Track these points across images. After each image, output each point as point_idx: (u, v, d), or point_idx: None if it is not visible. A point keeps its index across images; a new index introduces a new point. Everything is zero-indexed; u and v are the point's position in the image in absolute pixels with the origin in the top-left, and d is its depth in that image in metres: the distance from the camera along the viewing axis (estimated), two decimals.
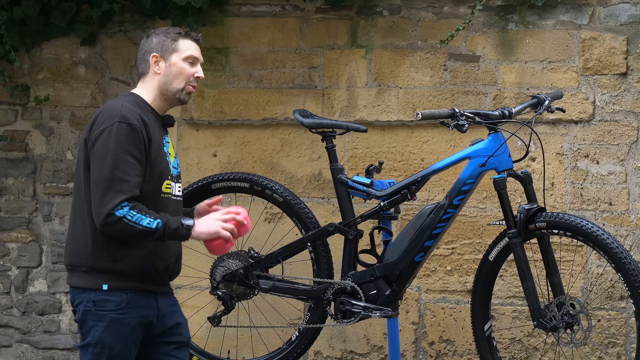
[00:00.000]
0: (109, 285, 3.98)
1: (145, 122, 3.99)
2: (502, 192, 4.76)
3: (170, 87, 4.12)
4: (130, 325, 3.99)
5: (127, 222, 3.87)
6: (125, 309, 3.98)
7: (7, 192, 6.27)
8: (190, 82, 4.13)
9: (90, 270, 4.00)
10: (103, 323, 3.98)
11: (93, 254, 3.98)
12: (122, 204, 3.86)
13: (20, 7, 5.94)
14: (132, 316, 3.99)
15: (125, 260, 3.98)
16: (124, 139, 3.93)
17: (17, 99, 6.24)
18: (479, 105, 5.72)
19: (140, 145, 3.95)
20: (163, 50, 4.14)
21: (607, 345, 5.60)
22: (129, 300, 3.99)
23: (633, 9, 5.61)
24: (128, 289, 3.99)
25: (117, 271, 3.98)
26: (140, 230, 3.87)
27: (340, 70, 5.90)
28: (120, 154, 3.91)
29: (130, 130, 3.94)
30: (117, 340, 3.98)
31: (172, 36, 4.15)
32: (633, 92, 5.60)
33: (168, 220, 3.90)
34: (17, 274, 6.26)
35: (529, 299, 4.73)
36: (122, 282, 3.99)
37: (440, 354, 5.80)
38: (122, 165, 3.91)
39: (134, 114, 3.98)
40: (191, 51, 4.14)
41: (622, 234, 5.59)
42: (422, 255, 4.87)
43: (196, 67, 4.15)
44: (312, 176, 5.94)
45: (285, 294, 5.12)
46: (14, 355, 6.24)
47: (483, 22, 5.76)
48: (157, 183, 4.01)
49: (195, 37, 4.18)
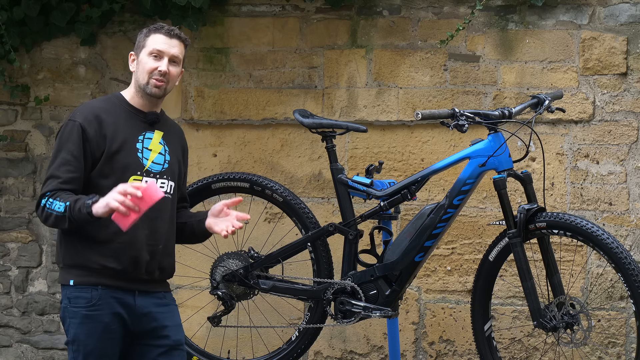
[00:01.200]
0: (75, 281, 4.03)
1: (100, 119, 4.05)
2: (502, 192, 4.75)
3: (140, 82, 4.15)
4: (102, 322, 4.00)
5: (46, 210, 3.97)
6: (96, 305, 4.00)
7: (7, 192, 6.27)
8: (154, 75, 4.11)
9: (63, 266, 4.08)
10: (76, 320, 4.02)
11: (61, 250, 4.08)
12: (46, 194, 3.98)
13: (20, 7, 5.94)
14: (104, 312, 4.00)
15: (89, 255, 4.01)
16: (66, 137, 4.05)
17: (17, 99, 6.24)
18: (479, 105, 5.72)
19: (79, 142, 4.02)
20: (137, 47, 4.19)
21: (607, 345, 5.60)
22: (99, 297, 4.01)
23: (633, 9, 5.61)
24: (98, 285, 4.02)
25: (83, 266, 4.03)
26: (55, 216, 3.95)
27: (340, 70, 5.90)
28: (60, 151, 4.04)
29: (73, 127, 4.04)
30: (90, 337, 4.00)
31: (145, 33, 4.18)
32: (633, 92, 5.60)
33: (76, 201, 3.92)
34: (17, 274, 6.25)
35: (529, 299, 4.73)
36: (90, 277, 4.02)
37: (440, 354, 5.80)
38: (57, 162, 4.03)
39: (85, 111, 4.08)
40: (156, 45, 4.13)
41: (622, 234, 5.59)
42: (422, 255, 4.87)
43: (160, 61, 4.12)
44: (312, 176, 5.94)
45: (285, 294, 5.12)
46: (14, 355, 6.24)
47: (483, 22, 5.76)
48: (120, 178, 4.02)
49: (168, 31, 4.15)
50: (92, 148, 4.03)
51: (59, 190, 3.98)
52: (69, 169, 4.01)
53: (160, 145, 4.17)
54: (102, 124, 4.05)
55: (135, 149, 4.09)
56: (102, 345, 4.01)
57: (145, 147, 4.11)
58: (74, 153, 4.02)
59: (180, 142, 4.31)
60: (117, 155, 4.05)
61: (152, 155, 4.13)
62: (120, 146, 4.05)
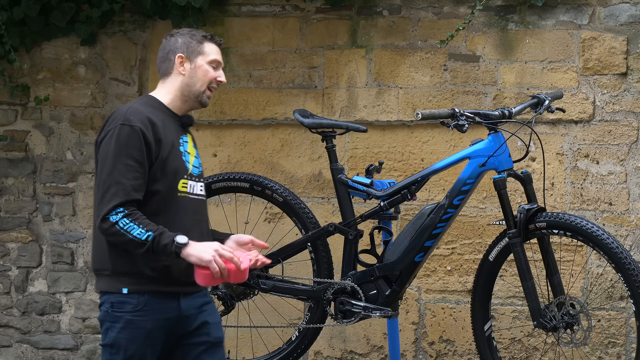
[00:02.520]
0: (129, 289, 3.95)
1: (153, 123, 3.98)
2: (502, 192, 4.75)
3: (193, 88, 4.11)
4: (145, 328, 3.95)
5: (119, 229, 3.84)
6: (141, 311, 3.95)
7: (7, 192, 6.27)
8: (212, 85, 4.13)
9: (112, 273, 3.98)
10: (119, 324, 3.95)
11: (111, 258, 3.97)
12: (116, 209, 3.85)
13: (20, 7, 5.94)
14: (148, 319, 3.95)
15: (144, 262, 3.94)
16: (125, 142, 3.92)
17: (17, 99, 6.24)
18: (479, 105, 5.72)
19: (142, 146, 3.93)
20: (189, 51, 4.13)
21: (607, 345, 5.60)
22: (145, 303, 3.95)
23: (633, 9, 5.61)
24: (147, 292, 3.96)
25: (136, 273, 3.95)
26: (129, 239, 3.83)
27: (340, 70, 5.90)
28: (119, 157, 3.91)
29: (132, 132, 3.93)
30: (132, 342, 3.95)
31: (197, 38, 4.15)
32: (633, 92, 5.60)
33: (161, 234, 3.84)
34: (17, 274, 6.25)
35: (529, 299, 4.72)
36: (142, 285, 3.96)
37: (440, 354, 5.80)
38: (120, 168, 3.90)
39: (139, 115, 3.97)
40: (215, 55, 4.15)
41: (622, 234, 5.59)
42: (422, 255, 4.87)
43: (219, 71, 4.15)
44: (312, 176, 5.94)
45: (285, 294, 5.12)
46: (14, 355, 6.24)
47: (483, 22, 5.76)
48: (172, 182, 3.99)
49: (219, 42, 4.19)
50: (150, 153, 3.96)
51: (129, 203, 3.88)
52: (135, 176, 3.90)
53: (194, 148, 4.17)
54: (155, 128, 3.99)
55: (179, 152, 4.06)
56: (142, 351, 3.97)
57: (185, 150, 4.10)
58: (137, 159, 3.92)
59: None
60: (168, 159, 4.00)
61: (191, 159, 4.12)
62: (170, 150, 4.02)
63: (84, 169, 6.19)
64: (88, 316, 6.17)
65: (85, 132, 6.19)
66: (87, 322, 6.17)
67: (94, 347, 6.15)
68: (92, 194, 6.18)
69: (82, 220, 6.19)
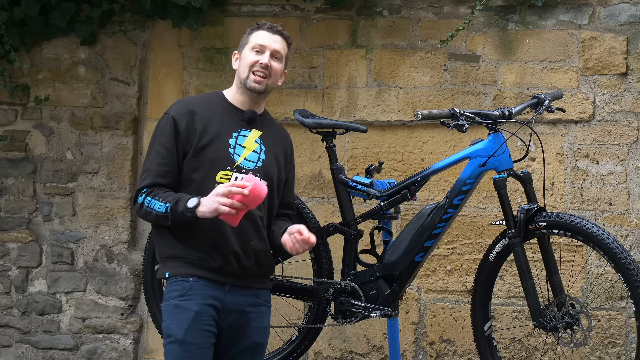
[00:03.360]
0: (170, 272, 4.07)
1: (193, 113, 4.11)
2: (502, 192, 4.75)
3: (240, 78, 4.20)
4: (192, 310, 4.00)
5: (146, 208, 4.05)
6: (187, 295, 4.03)
7: (7, 192, 6.27)
8: (254, 69, 4.16)
9: (160, 260, 4.14)
10: (167, 312, 4.06)
11: (158, 244, 4.15)
12: (142, 191, 4.06)
13: (20, 7, 5.94)
14: (194, 302, 4.02)
15: (184, 247, 4.06)
16: (160, 130, 4.13)
17: (17, 99, 6.24)
18: (479, 105, 5.72)
19: (172, 134, 4.09)
20: (240, 46, 4.25)
21: (607, 345, 5.60)
22: (190, 287, 4.03)
23: (633, 9, 5.61)
24: (190, 276, 4.04)
25: (178, 257, 4.06)
26: (155, 215, 4.03)
27: (340, 70, 5.90)
28: (154, 144, 4.13)
29: (166, 120, 4.13)
30: (180, 326, 4.00)
31: (248, 31, 4.25)
32: (633, 92, 5.60)
33: (177, 202, 3.99)
34: (17, 274, 6.25)
35: (529, 299, 4.72)
36: (184, 269, 4.05)
37: (440, 354, 5.80)
38: (152, 155, 4.12)
39: (180, 105, 4.16)
40: (259, 40, 4.18)
41: (622, 234, 5.59)
42: (422, 255, 4.87)
43: (262, 55, 4.17)
44: (312, 176, 5.94)
45: (285, 294, 5.12)
46: (14, 355, 6.24)
47: (483, 22, 5.76)
48: (209, 172, 4.08)
49: (270, 27, 4.21)
50: (183, 141, 4.10)
51: (155, 186, 4.06)
52: (161, 162, 4.08)
53: (256, 144, 4.20)
54: (195, 117, 4.12)
55: (226, 144, 4.13)
56: (193, 334, 4.00)
57: (238, 144, 4.16)
58: (166, 146, 4.09)
59: (283, 147, 4.33)
60: (207, 149, 4.10)
61: (245, 152, 4.16)
62: (210, 141, 4.10)
63: (84, 169, 6.19)
64: (88, 316, 6.17)
65: (85, 132, 6.20)
66: (87, 322, 6.17)
67: (94, 347, 6.16)
68: (91, 194, 6.19)
69: (82, 220, 6.19)
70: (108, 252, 6.16)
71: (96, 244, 6.18)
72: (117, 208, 6.16)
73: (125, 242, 6.15)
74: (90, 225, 6.18)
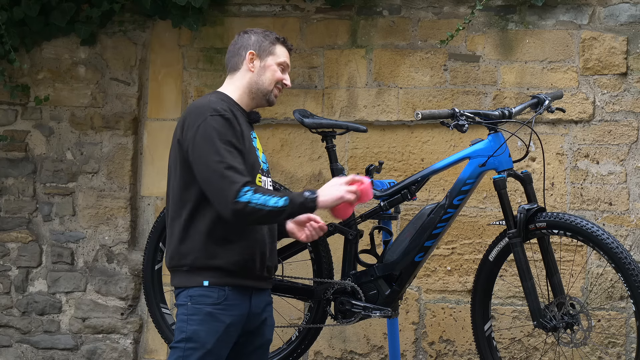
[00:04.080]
0: (210, 282, 3.99)
1: (236, 116, 4.05)
2: (502, 192, 4.75)
3: (262, 86, 4.18)
4: (224, 322, 3.98)
5: (254, 206, 3.87)
6: (222, 305, 3.99)
7: (7, 192, 6.27)
8: (277, 85, 4.22)
9: (190, 269, 4.01)
10: (198, 317, 3.98)
11: (192, 253, 4.00)
12: (243, 190, 3.88)
13: (20, 7, 5.94)
14: (227, 314, 3.99)
15: (226, 256, 3.99)
16: (221, 130, 3.96)
17: (17, 99, 6.24)
18: (479, 105, 5.72)
19: (236, 134, 4.00)
20: (261, 49, 4.21)
21: (607, 345, 5.60)
22: (225, 297, 3.99)
23: (633, 9, 5.61)
24: (227, 286, 4.00)
25: (216, 267, 3.99)
26: (267, 212, 3.88)
27: (340, 70, 5.90)
28: (221, 145, 3.94)
29: (224, 120, 3.98)
30: (211, 336, 3.97)
31: (270, 39, 4.23)
32: (633, 92, 5.60)
33: (292, 195, 3.93)
34: (17, 274, 6.25)
35: (529, 299, 4.72)
36: (222, 278, 4.00)
37: (440, 354, 5.80)
38: (226, 154, 3.93)
39: (223, 105, 4.04)
40: (285, 58, 4.24)
41: (622, 234, 5.59)
42: (422, 255, 4.87)
43: (285, 74, 4.24)
44: (312, 176, 5.94)
45: (285, 294, 5.12)
46: (14, 355, 6.24)
47: (483, 22, 5.76)
48: (252, 176, 4.04)
49: (290, 46, 4.28)
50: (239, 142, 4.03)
51: (249, 182, 3.93)
52: (240, 161, 3.97)
53: (260, 144, 4.25)
54: (238, 121, 4.07)
55: (253, 147, 4.14)
56: (219, 346, 4.00)
57: (255, 146, 4.18)
58: (236, 145, 3.98)
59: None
60: (247, 153, 4.07)
61: (260, 154, 4.20)
62: (247, 145, 4.09)
63: (84, 169, 6.19)
64: (88, 316, 6.17)
65: (85, 132, 6.20)
66: (87, 322, 6.17)
67: (94, 347, 6.16)
68: (91, 194, 6.18)
69: (82, 220, 6.19)
70: (108, 252, 6.16)
71: (96, 244, 6.18)
72: (117, 208, 6.16)
73: (125, 242, 6.15)
74: (90, 225, 6.18)
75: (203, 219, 3.98)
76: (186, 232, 4.00)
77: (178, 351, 3.99)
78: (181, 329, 4.00)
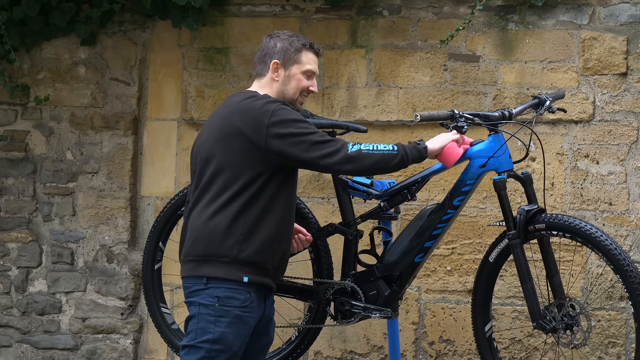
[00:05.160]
0: (250, 279, 4.02)
1: None
2: (502, 193, 4.75)
3: (286, 95, 4.25)
4: (250, 325, 4.05)
5: (368, 151, 4.12)
6: (248, 307, 4.03)
7: (7, 192, 6.27)
8: (303, 93, 4.28)
9: (232, 261, 4.03)
10: (226, 319, 4.00)
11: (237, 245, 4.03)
12: (350, 144, 4.12)
13: (20, 7, 5.94)
14: (252, 316, 4.05)
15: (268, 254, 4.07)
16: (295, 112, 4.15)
17: (17, 99, 6.24)
18: (479, 105, 5.72)
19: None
20: (285, 59, 4.26)
21: (607, 346, 5.60)
22: (251, 300, 4.04)
23: (633, 9, 5.61)
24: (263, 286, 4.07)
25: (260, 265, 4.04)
26: (381, 154, 4.13)
27: (340, 70, 5.90)
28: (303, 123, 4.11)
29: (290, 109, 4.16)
30: (238, 339, 4.01)
31: (296, 46, 4.27)
32: (633, 92, 5.60)
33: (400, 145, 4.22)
34: (17, 274, 6.26)
35: (529, 300, 4.72)
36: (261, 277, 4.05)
37: (440, 354, 5.81)
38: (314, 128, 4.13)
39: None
40: (311, 65, 4.29)
41: (622, 234, 5.59)
42: (422, 255, 4.87)
43: (312, 80, 4.29)
44: (312, 176, 5.94)
45: (285, 294, 5.12)
46: (14, 355, 6.24)
47: (483, 22, 5.76)
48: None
49: (317, 50, 4.33)
50: None
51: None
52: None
53: None
54: None
55: None
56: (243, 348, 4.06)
57: None
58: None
59: None
60: None
61: None
62: None
63: (84, 169, 6.19)
64: (88, 316, 6.17)
65: (85, 132, 6.20)
66: (87, 322, 6.17)
67: (94, 347, 6.16)
68: (91, 194, 6.18)
69: (82, 220, 6.19)
70: (108, 252, 6.16)
71: (96, 244, 6.18)
72: (117, 208, 6.16)
73: (125, 242, 6.15)
74: (90, 225, 6.18)
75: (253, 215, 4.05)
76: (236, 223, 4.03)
77: (202, 352, 4.00)
78: (206, 330, 4.00)
